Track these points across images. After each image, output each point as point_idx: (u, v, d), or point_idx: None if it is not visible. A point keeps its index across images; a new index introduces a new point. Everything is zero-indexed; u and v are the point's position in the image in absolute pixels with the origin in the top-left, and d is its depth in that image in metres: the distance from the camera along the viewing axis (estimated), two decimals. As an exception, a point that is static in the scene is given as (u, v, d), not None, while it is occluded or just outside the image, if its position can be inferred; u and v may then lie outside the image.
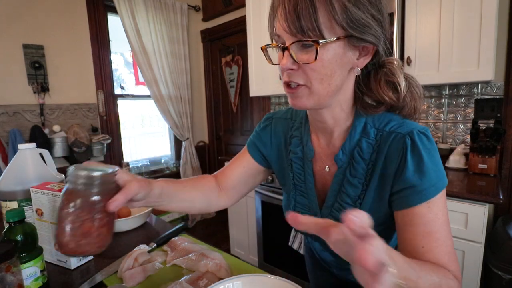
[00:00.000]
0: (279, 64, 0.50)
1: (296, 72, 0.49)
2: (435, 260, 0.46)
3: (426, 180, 0.48)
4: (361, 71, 0.53)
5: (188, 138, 2.97)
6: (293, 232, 1.15)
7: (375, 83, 0.55)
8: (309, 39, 0.45)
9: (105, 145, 2.41)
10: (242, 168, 0.73)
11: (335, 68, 0.48)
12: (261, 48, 0.54)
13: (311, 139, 0.63)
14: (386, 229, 0.58)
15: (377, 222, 0.56)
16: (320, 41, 0.45)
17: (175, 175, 3.00)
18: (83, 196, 0.43)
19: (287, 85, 0.51)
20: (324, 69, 0.47)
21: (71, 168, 0.44)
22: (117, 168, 0.48)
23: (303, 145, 0.64)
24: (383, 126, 0.54)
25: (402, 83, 0.54)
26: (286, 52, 0.48)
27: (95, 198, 0.43)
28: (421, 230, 0.47)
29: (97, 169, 0.45)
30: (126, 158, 2.72)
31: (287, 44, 0.47)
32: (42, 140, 2.01)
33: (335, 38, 0.45)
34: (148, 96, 2.74)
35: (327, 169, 0.61)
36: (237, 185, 0.73)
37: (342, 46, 0.47)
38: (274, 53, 0.54)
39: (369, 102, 0.56)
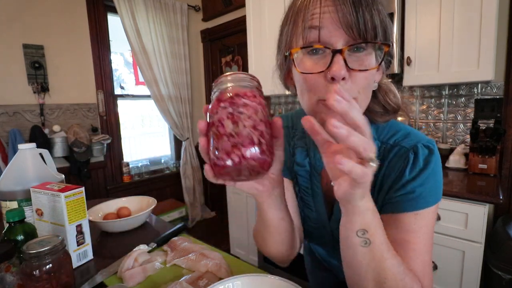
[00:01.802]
0: (312, 73, 0.42)
1: (347, 83, 0.41)
2: (409, 268, 0.44)
3: (419, 191, 0.47)
4: None
5: (188, 138, 2.97)
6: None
7: (379, 93, 0.54)
8: (378, 41, 0.41)
9: (105, 145, 2.41)
10: (290, 195, 0.63)
11: (373, 78, 0.46)
12: (290, 52, 0.44)
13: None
14: None
15: None
16: (390, 43, 0.41)
17: (175, 175, 3.00)
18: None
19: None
20: (372, 76, 0.44)
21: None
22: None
23: (310, 157, 0.60)
24: (388, 139, 0.53)
25: (395, 90, 0.54)
26: (338, 57, 0.40)
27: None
28: (400, 236, 0.46)
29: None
30: (126, 158, 2.72)
31: (340, 47, 0.40)
32: (42, 140, 2.01)
33: (390, 44, 0.42)
34: (148, 96, 2.74)
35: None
36: (296, 217, 0.63)
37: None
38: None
39: (377, 110, 0.54)
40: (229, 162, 0.35)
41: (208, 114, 0.38)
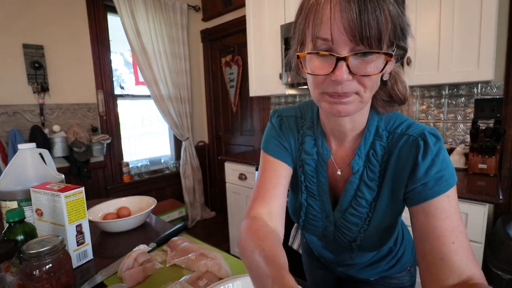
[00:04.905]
0: (318, 75, 0.46)
1: (350, 83, 0.45)
2: (465, 256, 0.47)
3: (441, 175, 0.49)
4: None
5: (188, 138, 2.97)
6: (293, 231, 1.15)
7: (389, 81, 0.56)
8: (380, 51, 0.43)
9: (105, 145, 2.41)
10: (283, 187, 0.61)
11: (379, 78, 0.48)
12: (298, 55, 0.48)
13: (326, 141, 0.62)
14: (393, 220, 0.61)
15: (388, 221, 0.59)
16: (393, 53, 0.44)
17: (175, 175, 3.00)
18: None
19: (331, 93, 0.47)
20: (378, 78, 0.47)
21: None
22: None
23: (318, 146, 0.62)
24: (394, 129, 0.55)
25: (406, 80, 0.56)
26: (341, 63, 0.43)
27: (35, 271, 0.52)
28: (447, 224, 0.47)
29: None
30: (126, 158, 2.72)
31: (344, 54, 0.43)
32: (42, 140, 2.01)
33: (395, 50, 0.45)
34: (148, 96, 2.74)
35: (339, 172, 0.61)
36: (284, 205, 0.61)
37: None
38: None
39: (384, 98, 0.56)
40: None
41: None
